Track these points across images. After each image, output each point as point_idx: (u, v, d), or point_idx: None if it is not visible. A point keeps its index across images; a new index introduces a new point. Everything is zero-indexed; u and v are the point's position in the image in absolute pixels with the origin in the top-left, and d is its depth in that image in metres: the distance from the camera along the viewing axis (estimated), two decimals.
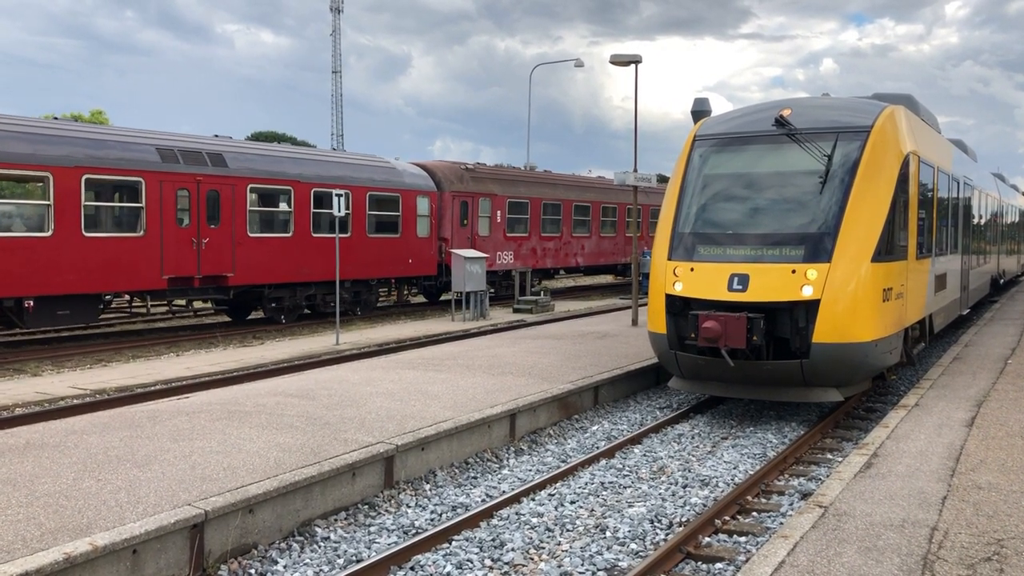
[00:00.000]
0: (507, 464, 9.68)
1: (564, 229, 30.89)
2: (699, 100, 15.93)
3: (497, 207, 27.49)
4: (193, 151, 18.73)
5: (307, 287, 21.49)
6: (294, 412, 9.71)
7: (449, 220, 25.60)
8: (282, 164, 20.65)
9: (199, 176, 18.47)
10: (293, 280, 20.87)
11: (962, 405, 10.58)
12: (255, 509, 6.91)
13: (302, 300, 21.50)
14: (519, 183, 29.06)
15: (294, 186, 20.66)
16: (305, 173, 21.07)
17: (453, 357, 14.21)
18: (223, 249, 19.07)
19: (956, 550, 5.85)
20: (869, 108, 11.91)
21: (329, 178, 21.59)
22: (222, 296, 19.99)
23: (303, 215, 20.94)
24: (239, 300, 20.76)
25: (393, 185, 23.64)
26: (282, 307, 21.10)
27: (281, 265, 20.46)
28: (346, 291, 22.44)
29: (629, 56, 18.99)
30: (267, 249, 20.12)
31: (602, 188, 33.64)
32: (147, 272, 17.66)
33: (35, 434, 8.60)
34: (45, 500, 6.52)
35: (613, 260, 34.39)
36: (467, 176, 26.67)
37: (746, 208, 11.45)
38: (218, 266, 19.00)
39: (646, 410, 12.49)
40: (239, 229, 19.39)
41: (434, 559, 6.81)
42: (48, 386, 13.01)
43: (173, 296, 18.99)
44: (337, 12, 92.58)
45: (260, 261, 19.92)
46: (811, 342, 10.46)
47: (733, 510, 7.96)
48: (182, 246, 18.27)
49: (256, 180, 19.82)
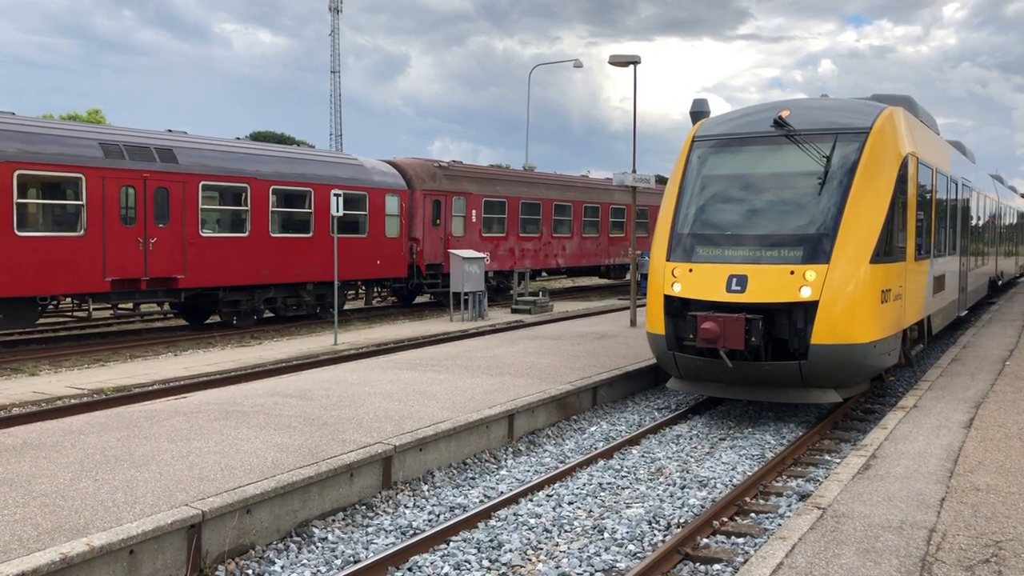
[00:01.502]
0: (505, 465, 9.67)
1: (544, 229, 30.16)
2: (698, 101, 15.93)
3: (472, 206, 26.70)
4: (140, 146, 17.84)
5: (266, 289, 20.60)
6: (292, 412, 9.70)
7: (420, 220, 24.76)
8: (238, 160, 19.72)
9: (146, 173, 17.57)
10: (250, 282, 19.96)
11: (960, 407, 10.58)
12: (253, 509, 6.90)
13: (260, 303, 20.61)
14: (496, 182, 28.24)
15: (251, 183, 19.72)
16: (263, 170, 20.14)
17: (451, 357, 14.20)
18: (173, 250, 18.17)
19: (954, 552, 5.85)
20: (868, 109, 11.91)
21: (289, 175, 20.77)
22: (172, 299, 19.09)
23: (261, 214, 19.99)
24: (192, 303, 19.88)
25: (359, 183, 22.72)
26: (239, 310, 20.20)
27: (237, 266, 19.52)
28: (308, 293, 21.68)
29: (628, 57, 18.98)
30: (222, 250, 19.19)
31: (584, 187, 32.97)
32: (88, 274, 16.75)
33: (32, 434, 8.58)
34: (42, 500, 6.51)
35: (596, 261, 33.61)
36: (440, 174, 25.87)
37: (745, 209, 11.45)
38: (167, 267, 18.10)
39: (644, 411, 12.48)
40: (190, 228, 18.46)
41: (432, 560, 6.80)
42: (45, 386, 12.99)
43: (118, 299, 18.11)
44: (336, 12, 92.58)
45: (214, 262, 18.99)
46: (809, 343, 10.45)
47: (731, 511, 7.95)
48: (127, 246, 17.34)
49: (209, 177, 18.88)
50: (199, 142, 19.41)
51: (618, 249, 34.60)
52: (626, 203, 34.54)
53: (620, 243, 34.65)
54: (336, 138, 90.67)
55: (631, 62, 19.04)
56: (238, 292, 19.97)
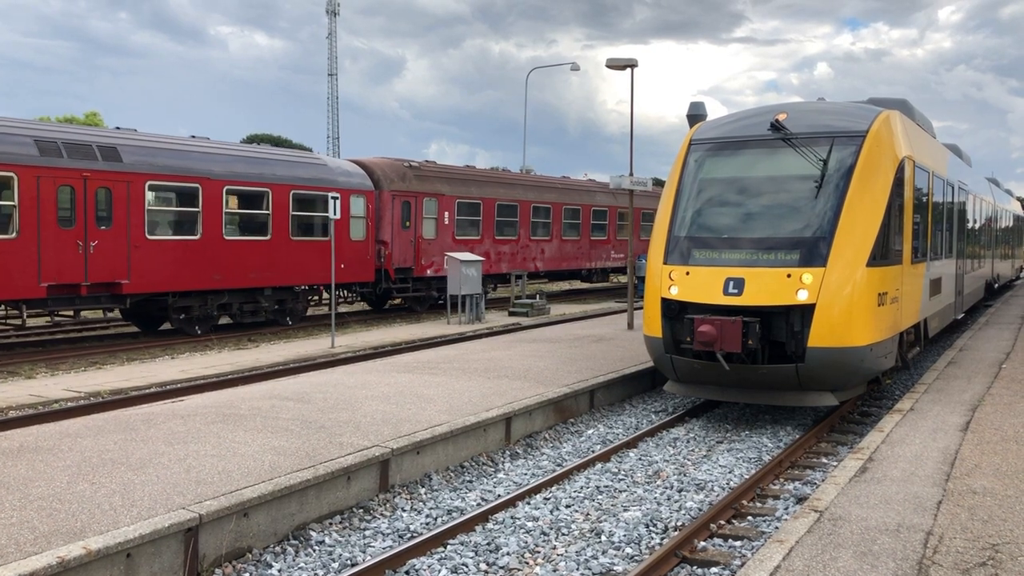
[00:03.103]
0: (502, 468, 9.67)
1: (521, 232, 29.28)
2: (695, 104, 15.94)
3: (445, 208, 25.79)
4: (80, 144, 16.82)
5: (219, 295, 19.57)
6: (289, 415, 9.69)
7: (389, 222, 23.85)
8: (189, 159, 18.70)
9: (86, 172, 16.58)
10: (203, 287, 18.96)
11: (957, 409, 10.60)
12: (250, 513, 6.89)
13: (214, 309, 19.61)
14: (470, 182, 27.36)
15: (203, 183, 18.71)
16: (216, 169, 19.11)
17: (449, 360, 14.20)
18: (116, 253, 17.15)
19: (951, 555, 5.86)
20: (864, 113, 11.94)
21: (245, 175, 19.71)
22: (116, 305, 18.05)
23: (213, 216, 18.99)
24: (140, 310, 19.02)
25: (322, 183, 21.64)
26: (191, 317, 19.23)
27: (187, 271, 18.52)
28: (266, 299, 20.73)
29: (625, 60, 19.00)
30: (170, 253, 18.20)
31: (563, 188, 32.19)
32: (21, 279, 15.75)
33: (29, 437, 8.57)
34: (39, 503, 6.50)
35: (577, 265, 32.66)
36: (410, 174, 24.92)
37: (742, 212, 11.46)
38: (110, 272, 17.08)
39: (642, 414, 12.49)
40: (136, 231, 17.48)
41: (429, 563, 6.80)
42: (42, 389, 12.97)
43: (56, 305, 16.90)
44: (333, 15, 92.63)
45: (162, 267, 18.01)
46: (806, 346, 10.47)
47: (728, 514, 7.95)
48: (65, 250, 16.32)
49: (156, 176, 17.88)
50: (146, 140, 18.49)
51: (600, 252, 33.78)
52: (608, 205, 33.83)
53: (602, 246, 33.87)
54: (333, 141, 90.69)
55: (629, 65, 19.06)
56: (189, 298, 19.05)
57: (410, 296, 25.20)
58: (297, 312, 21.92)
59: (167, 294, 18.51)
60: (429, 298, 25.84)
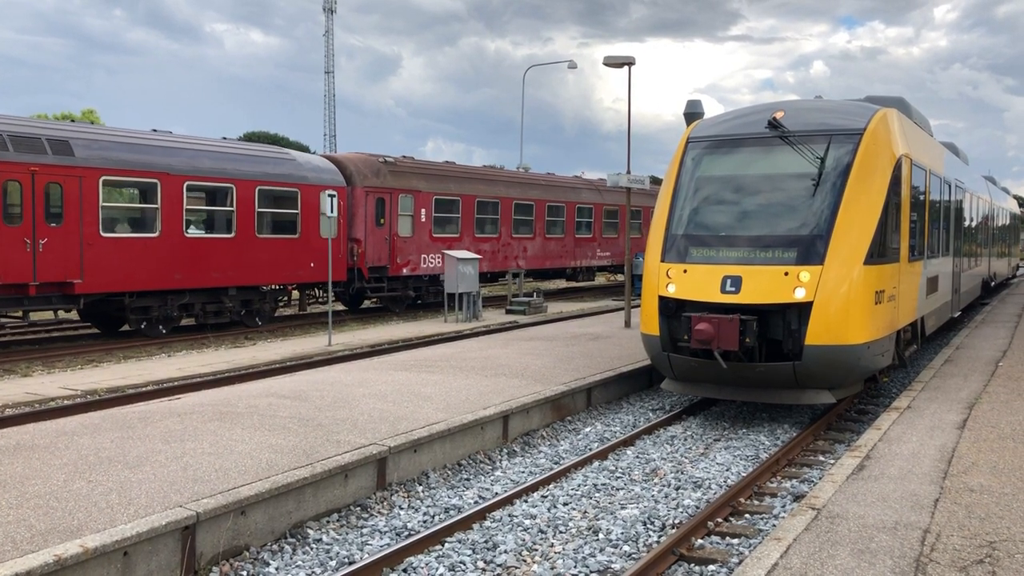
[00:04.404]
0: (500, 466, 9.67)
1: (503, 230, 28.40)
2: (692, 102, 15.99)
3: (421, 205, 24.98)
4: (29, 137, 16.05)
5: (180, 295, 18.84)
6: (286, 413, 9.68)
7: (362, 219, 23.09)
8: (147, 153, 17.91)
9: (34, 166, 15.81)
10: (162, 287, 18.22)
11: (954, 407, 10.61)
12: (247, 511, 6.89)
13: (174, 310, 18.83)
14: (448, 179, 26.51)
15: (162, 179, 17.93)
16: (176, 164, 18.30)
17: (446, 358, 14.19)
18: (68, 252, 16.37)
19: (948, 552, 5.86)
20: (862, 111, 11.94)
21: (207, 170, 18.92)
22: (69, 306, 17.46)
23: (173, 213, 18.18)
24: (95, 310, 18.24)
25: (291, 179, 20.87)
26: (150, 318, 18.47)
27: (145, 270, 17.75)
28: (231, 299, 19.95)
29: (623, 58, 19.00)
30: (127, 252, 17.42)
31: (547, 185, 31.30)
32: None
33: (25, 435, 8.55)
34: (35, 502, 6.48)
35: (561, 263, 31.81)
36: (385, 170, 24.08)
37: (739, 210, 11.47)
38: (61, 272, 16.30)
39: (639, 412, 12.49)
40: (89, 228, 16.67)
41: (427, 561, 6.79)
42: (38, 387, 12.95)
43: (2, 306, 16.24)
44: (330, 12, 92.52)
45: (118, 265, 17.23)
46: (804, 344, 10.47)
47: (726, 512, 7.96)
48: (12, 248, 15.61)
49: (111, 172, 17.10)
50: (101, 133, 17.77)
51: (585, 251, 32.92)
52: (594, 202, 33.13)
53: (587, 244, 33.01)
54: (330, 139, 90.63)
55: (626, 63, 19.06)
56: (148, 298, 18.27)
57: (386, 296, 24.58)
58: (265, 313, 21.12)
59: (124, 294, 17.80)
60: (405, 298, 25.03)
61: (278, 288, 21.56)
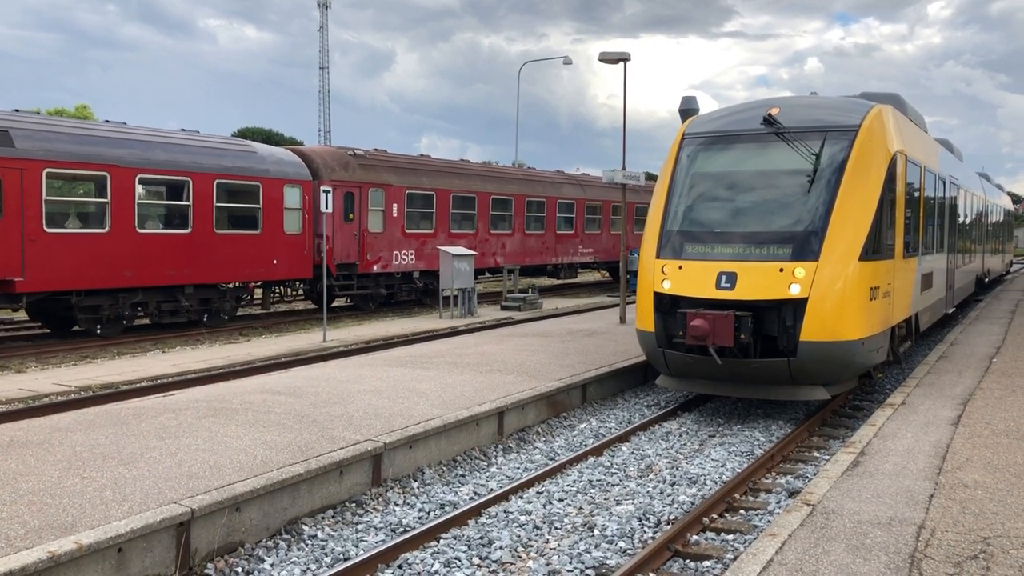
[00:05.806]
0: (495, 462, 9.67)
1: (480, 225, 27.55)
2: (687, 98, 15.95)
3: (393, 199, 24.13)
4: None
5: (132, 293, 18.05)
6: (281, 410, 9.66)
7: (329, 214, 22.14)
8: (95, 145, 17.03)
9: None
10: (112, 285, 17.40)
11: (948, 403, 10.63)
12: (242, 507, 6.87)
13: (126, 309, 18.03)
14: (421, 173, 25.67)
15: (111, 172, 17.08)
16: (127, 156, 17.44)
17: (441, 355, 14.18)
18: (8, 248, 15.59)
19: (943, 548, 5.87)
20: (857, 107, 11.95)
21: (161, 163, 18.07)
22: (10, 305, 16.73)
23: (124, 207, 17.34)
24: (40, 309, 17.61)
25: (251, 173, 20.01)
26: (101, 317, 17.64)
27: (94, 267, 16.93)
28: (187, 298, 19.19)
29: (618, 54, 18.99)
30: (74, 248, 16.59)
31: (525, 180, 30.38)
32: None
33: (19, 431, 8.52)
34: (29, 498, 6.46)
35: (542, 260, 30.94)
36: (354, 163, 23.26)
37: (734, 207, 11.47)
38: (1, 269, 15.57)
39: (634, 408, 12.50)
40: (31, 224, 15.86)
41: (422, 557, 6.79)
42: (32, 383, 12.90)
43: None
44: (324, 8, 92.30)
45: (63, 262, 16.40)
46: (798, 340, 10.49)
47: (721, 508, 7.97)
48: None
49: (56, 164, 16.25)
50: (45, 123, 16.96)
51: (567, 247, 32.16)
52: (576, 197, 32.44)
53: (568, 240, 32.21)
54: (325, 134, 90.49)
55: (621, 59, 19.04)
56: (97, 296, 17.44)
57: (355, 294, 23.92)
58: (224, 312, 20.26)
59: (71, 292, 16.98)
60: (377, 296, 24.48)
61: (239, 286, 20.75)
